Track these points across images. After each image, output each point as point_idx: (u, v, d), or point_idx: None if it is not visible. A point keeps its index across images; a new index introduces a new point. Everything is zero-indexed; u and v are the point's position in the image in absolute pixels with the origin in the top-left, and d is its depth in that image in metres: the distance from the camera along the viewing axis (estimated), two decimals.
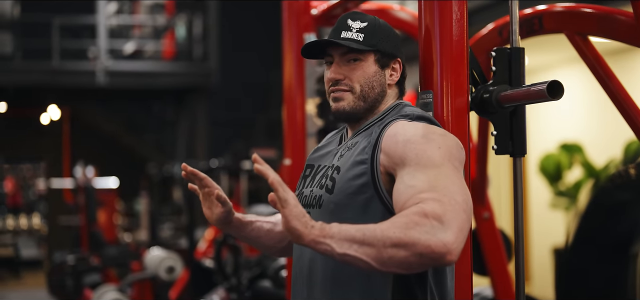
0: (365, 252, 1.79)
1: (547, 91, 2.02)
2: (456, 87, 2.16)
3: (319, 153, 2.35)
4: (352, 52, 2.19)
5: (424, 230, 1.79)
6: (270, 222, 2.41)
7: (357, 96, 2.19)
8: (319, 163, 2.31)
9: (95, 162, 12.96)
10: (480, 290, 3.58)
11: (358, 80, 2.19)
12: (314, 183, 2.23)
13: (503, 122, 2.25)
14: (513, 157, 2.29)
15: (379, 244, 1.79)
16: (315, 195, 2.19)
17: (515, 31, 2.30)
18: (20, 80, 14.03)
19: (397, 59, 2.22)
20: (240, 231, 2.37)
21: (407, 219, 1.82)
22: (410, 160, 1.99)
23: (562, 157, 8.37)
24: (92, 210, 11.05)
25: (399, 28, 4.16)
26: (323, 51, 2.25)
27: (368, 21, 2.20)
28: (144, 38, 15.83)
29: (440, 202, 1.85)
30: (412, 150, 2.01)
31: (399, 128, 2.08)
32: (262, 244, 2.42)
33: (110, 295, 6.32)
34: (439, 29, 2.17)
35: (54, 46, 14.18)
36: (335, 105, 2.22)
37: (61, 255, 10.93)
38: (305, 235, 1.78)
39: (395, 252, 1.79)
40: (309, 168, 2.34)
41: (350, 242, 1.79)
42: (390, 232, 1.79)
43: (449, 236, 1.80)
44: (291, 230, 1.78)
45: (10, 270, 16.22)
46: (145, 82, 14.69)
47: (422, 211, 1.83)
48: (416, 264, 1.80)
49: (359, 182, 2.09)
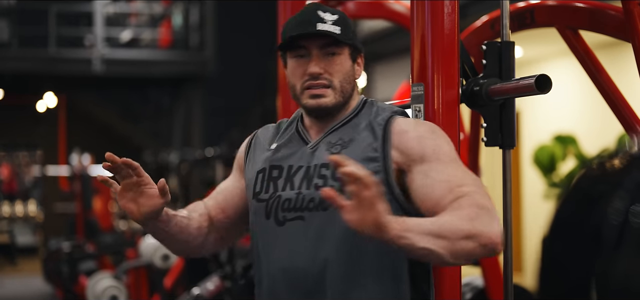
0: (441, 245, 1.80)
1: (535, 85, 2.06)
2: (447, 79, 2.19)
3: (281, 153, 2.19)
4: (332, 46, 2.12)
5: (483, 222, 1.84)
6: (185, 218, 2.23)
7: (337, 92, 2.12)
8: (288, 163, 2.16)
9: (91, 150, 12.97)
10: (470, 280, 3.61)
11: (337, 74, 2.12)
12: (300, 184, 2.10)
13: (493, 115, 2.28)
14: (502, 149, 2.32)
15: (452, 236, 1.81)
16: (312, 198, 2.07)
17: (506, 25, 2.33)
18: (16, 68, 14.03)
19: (361, 54, 2.20)
20: (165, 226, 2.16)
21: (467, 211, 1.85)
22: (429, 156, 2.01)
23: (556, 148, 8.40)
24: (87, 197, 11.08)
25: (393, 20, 4.19)
26: (292, 44, 2.13)
27: (338, 14, 2.14)
28: (141, 26, 15.83)
29: (481, 194, 1.91)
30: (428, 146, 2.02)
31: (407, 125, 2.08)
32: (178, 240, 2.22)
33: (106, 283, 6.35)
34: (430, 22, 2.20)
35: (50, 33, 14.18)
36: (316, 102, 2.12)
37: (57, 242, 10.95)
38: (391, 229, 1.73)
39: (465, 244, 1.82)
40: (276, 169, 2.16)
41: (428, 236, 1.79)
42: (459, 224, 1.82)
43: (498, 226, 1.86)
44: (382, 225, 1.72)
45: (6, 257, 16.25)
46: (141, 71, 14.70)
47: (475, 203, 1.87)
48: (478, 254, 1.86)
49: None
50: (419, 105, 2.21)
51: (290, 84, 2.17)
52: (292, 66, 2.15)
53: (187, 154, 9.20)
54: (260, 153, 2.24)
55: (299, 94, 2.14)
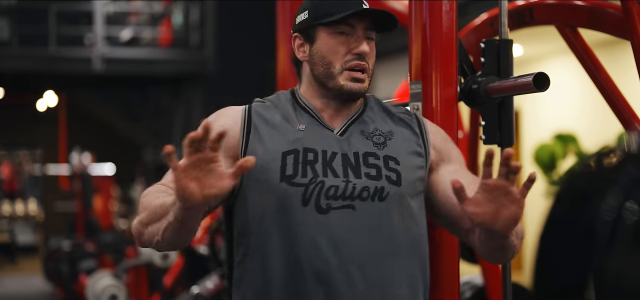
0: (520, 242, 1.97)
1: (533, 83, 2.06)
2: (445, 78, 2.19)
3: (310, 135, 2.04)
4: (371, 30, 2.06)
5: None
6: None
7: (369, 79, 2.07)
8: (321, 147, 2.02)
9: (92, 149, 12.98)
10: (470, 279, 3.61)
11: (371, 61, 2.07)
12: (345, 172, 1.99)
13: (491, 113, 2.28)
14: (501, 147, 2.32)
15: (520, 235, 1.97)
16: (365, 187, 1.98)
17: (504, 23, 2.33)
18: (16, 67, 14.03)
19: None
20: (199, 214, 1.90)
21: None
22: (455, 157, 2.10)
23: (557, 147, 8.40)
24: (87, 196, 11.08)
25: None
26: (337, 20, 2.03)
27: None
28: (141, 25, 15.82)
29: None
30: (453, 149, 2.13)
31: (434, 125, 2.15)
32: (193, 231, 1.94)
33: (106, 281, 6.35)
34: (429, 20, 2.20)
35: (50, 32, 14.17)
36: (358, 86, 2.04)
37: (57, 241, 10.97)
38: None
39: (519, 243, 1.97)
40: (311, 153, 2.01)
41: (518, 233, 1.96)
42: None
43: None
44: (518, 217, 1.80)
45: (6, 256, 16.26)
46: (141, 69, 14.69)
47: None
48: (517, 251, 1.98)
49: (419, 175, 2.05)
50: (417, 103, 2.21)
51: (324, 61, 2.05)
52: (331, 42, 2.05)
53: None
54: (274, 132, 2.05)
55: (336, 73, 2.04)
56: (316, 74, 2.08)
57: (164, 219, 1.88)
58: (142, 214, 1.96)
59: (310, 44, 2.09)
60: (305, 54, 2.11)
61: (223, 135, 1.72)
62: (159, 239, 1.91)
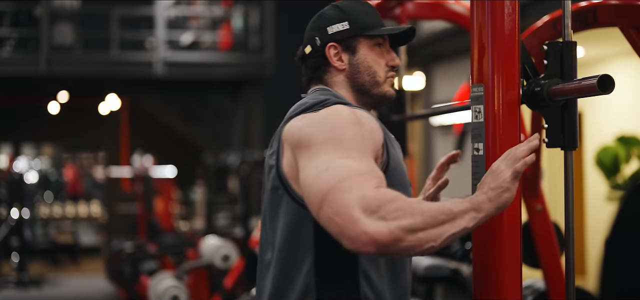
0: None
1: (597, 85, 2.03)
2: (507, 80, 2.17)
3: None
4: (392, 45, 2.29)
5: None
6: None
7: None
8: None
9: (153, 152, 13.16)
10: (532, 282, 3.58)
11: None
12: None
13: (554, 116, 2.25)
14: (564, 150, 2.29)
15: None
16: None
17: (568, 25, 2.30)
18: (80, 71, 14.27)
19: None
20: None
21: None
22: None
23: (619, 149, 8.26)
24: (149, 198, 11.23)
25: (453, 20, 4.18)
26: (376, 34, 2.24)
27: None
28: (201, 29, 15.98)
29: None
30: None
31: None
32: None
33: (167, 283, 6.42)
34: (490, 22, 2.18)
35: (113, 37, 14.40)
36: (393, 92, 2.27)
37: (119, 242, 11.14)
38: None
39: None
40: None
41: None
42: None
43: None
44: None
45: (69, 257, 16.56)
46: (201, 73, 14.83)
47: None
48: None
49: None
50: (479, 106, 2.20)
51: (370, 71, 2.21)
52: (374, 53, 2.22)
53: (247, 155, 9.29)
54: (391, 140, 2.16)
55: (381, 81, 2.22)
56: (361, 81, 2.21)
57: (448, 224, 1.86)
58: (407, 219, 1.81)
59: (351, 53, 2.21)
60: (343, 62, 2.21)
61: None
62: (434, 245, 1.85)
